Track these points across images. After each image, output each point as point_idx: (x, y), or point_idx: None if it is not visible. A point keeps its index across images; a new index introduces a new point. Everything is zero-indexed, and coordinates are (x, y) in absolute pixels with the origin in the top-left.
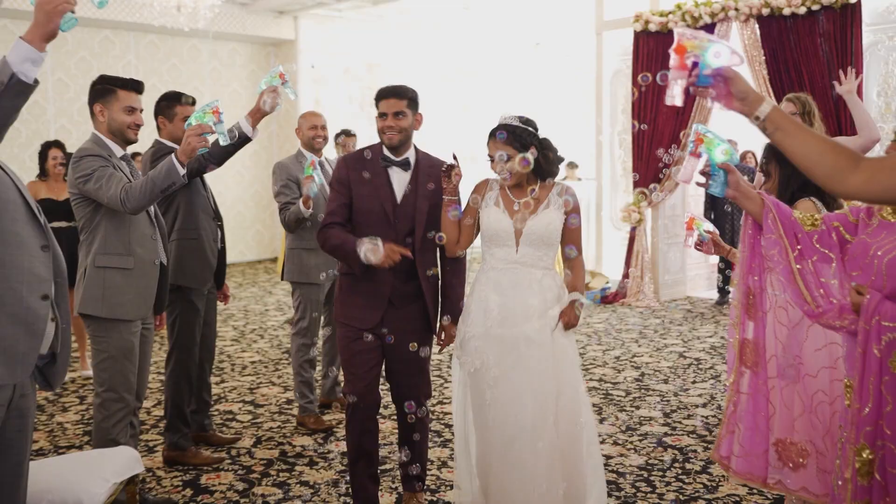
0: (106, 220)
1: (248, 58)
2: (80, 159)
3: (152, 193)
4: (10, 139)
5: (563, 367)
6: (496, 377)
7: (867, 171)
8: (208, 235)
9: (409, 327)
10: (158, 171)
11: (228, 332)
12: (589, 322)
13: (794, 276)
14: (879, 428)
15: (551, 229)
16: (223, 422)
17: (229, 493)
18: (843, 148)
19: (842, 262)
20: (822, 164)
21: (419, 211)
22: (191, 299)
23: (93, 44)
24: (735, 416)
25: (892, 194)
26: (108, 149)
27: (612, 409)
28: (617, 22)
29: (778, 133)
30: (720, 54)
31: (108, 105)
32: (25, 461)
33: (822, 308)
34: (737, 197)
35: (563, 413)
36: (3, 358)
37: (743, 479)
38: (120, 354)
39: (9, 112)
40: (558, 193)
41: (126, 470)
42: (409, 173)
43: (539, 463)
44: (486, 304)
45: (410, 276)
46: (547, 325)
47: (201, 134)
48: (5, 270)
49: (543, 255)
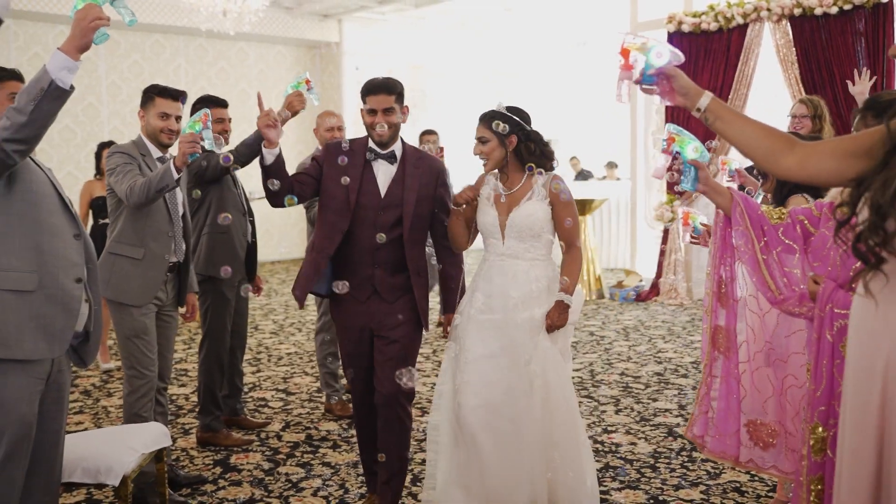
0: (127, 212)
1: (294, 60)
2: (111, 155)
3: (150, 192)
4: (66, 140)
5: (547, 366)
6: (473, 360)
7: (800, 154)
8: (237, 230)
9: (395, 322)
10: (156, 173)
11: (268, 325)
12: (619, 318)
13: (760, 265)
14: (832, 408)
15: (532, 220)
16: (256, 407)
17: (256, 471)
18: (778, 133)
19: (805, 253)
20: (758, 148)
21: (406, 202)
22: (221, 290)
23: (144, 47)
24: (708, 397)
25: (821, 177)
26: (145, 149)
27: (628, 401)
28: (651, 23)
29: (718, 122)
30: (662, 54)
31: (147, 110)
32: (62, 429)
33: (784, 295)
34: (707, 192)
35: (552, 407)
36: (42, 335)
37: (716, 457)
38: (132, 334)
39: (47, 114)
40: (543, 184)
41: (154, 443)
42: (395, 166)
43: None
44: (475, 293)
45: (399, 269)
46: (533, 325)
47: (191, 141)
48: (44, 256)
49: (530, 246)
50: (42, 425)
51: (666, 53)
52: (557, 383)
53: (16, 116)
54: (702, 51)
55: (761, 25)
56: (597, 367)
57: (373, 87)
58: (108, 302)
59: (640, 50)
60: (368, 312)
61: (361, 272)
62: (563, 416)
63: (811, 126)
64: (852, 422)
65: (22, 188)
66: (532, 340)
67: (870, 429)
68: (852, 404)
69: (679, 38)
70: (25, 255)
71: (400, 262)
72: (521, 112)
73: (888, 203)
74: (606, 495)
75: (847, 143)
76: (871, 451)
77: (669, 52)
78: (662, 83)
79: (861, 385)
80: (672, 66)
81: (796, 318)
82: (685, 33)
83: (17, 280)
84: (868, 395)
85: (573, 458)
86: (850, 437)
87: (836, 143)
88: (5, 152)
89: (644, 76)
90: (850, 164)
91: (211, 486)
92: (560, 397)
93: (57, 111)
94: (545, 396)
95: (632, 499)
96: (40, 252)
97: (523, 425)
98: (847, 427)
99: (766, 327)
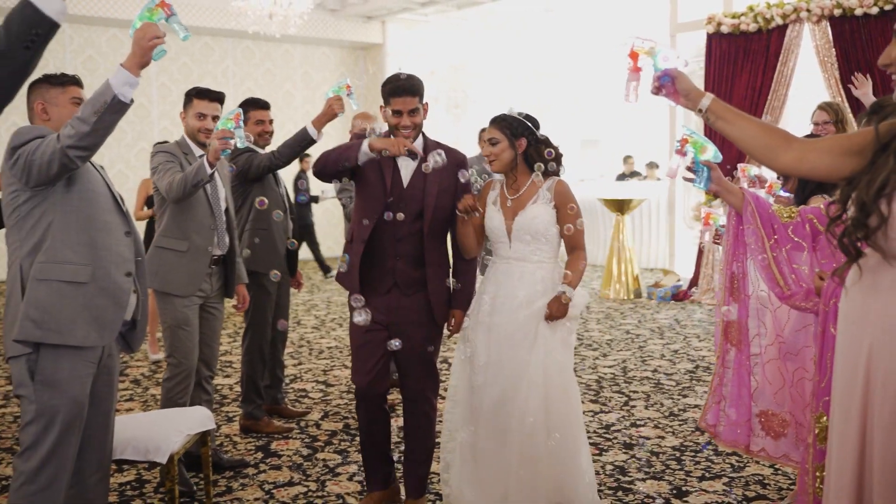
0: (171, 207)
1: (339, 61)
2: (154, 154)
3: (186, 187)
4: (118, 139)
5: (550, 360)
6: (484, 364)
7: (798, 150)
8: (278, 227)
9: (415, 319)
10: (191, 169)
11: (310, 320)
12: (655, 318)
13: (769, 262)
14: None
15: (537, 223)
16: (296, 398)
17: (295, 457)
18: (776, 130)
19: (813, 250)
20: (757, 145)
21: (428, 195)
22: (263, 284)
23: (194, 50)
24: (721, 388)
25: (818, 172)
26: (187, 148)
27: (659, 397)
28: (690, 24)
29: (719, 122)
30: (668, 58)
31: (187, 111)
32: (112, 411)
33: (792, 291)
34: (719, 191)
35: (553, 403)
36: (94, 324)
37: (728, 446)
38: (175, 324)
39: (109, 125)
40: (548, 188)
41: (198, 425)
42: (416, 161)
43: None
44: (482, 296)
45: (419, 263)
46: (533, 315)
47: (223, 138)
48: (97, 251)
49: (536, 249)
50: (94, 406)
51: (672, 57)
52: (556, 371)
53: (80, 126)
54: (741, 52)
55: (801, 26)
56: (630, 364)
57: (398, 90)
58: (154, 292)
59: (648, 54)
60: (387, 305)
61: (382, 264)
62: (560, 406)
63: (835, 132)
64: (839, 408)
65: (80, 188)
66: (532, 331)
67: (854, 415)
68: (839, 391)
69: (718, 39)
70: (81, 249)
71: (420, 256)
72: (530, 118)
73: (871, 201)
74: (630, 485)
75: (843, 141)
76: (854, 436)
77: (675, 56)
78: (667, 84)
79: (846, 373)
80: (675, 69)
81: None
82: (724, 34)
83: (73, 272)
84: (852, 382)
85: (569, 447)
86: (837, 423)
87: (832, 140)
88: (69, 157)
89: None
90: (845, 162)
91: (252, 469)
92: (558, 385)
93: (117, 122)
94: (544, 384)
95: (655, 489)
96: (94, 247)
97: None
98: (835, 414)
99: (777, 322)
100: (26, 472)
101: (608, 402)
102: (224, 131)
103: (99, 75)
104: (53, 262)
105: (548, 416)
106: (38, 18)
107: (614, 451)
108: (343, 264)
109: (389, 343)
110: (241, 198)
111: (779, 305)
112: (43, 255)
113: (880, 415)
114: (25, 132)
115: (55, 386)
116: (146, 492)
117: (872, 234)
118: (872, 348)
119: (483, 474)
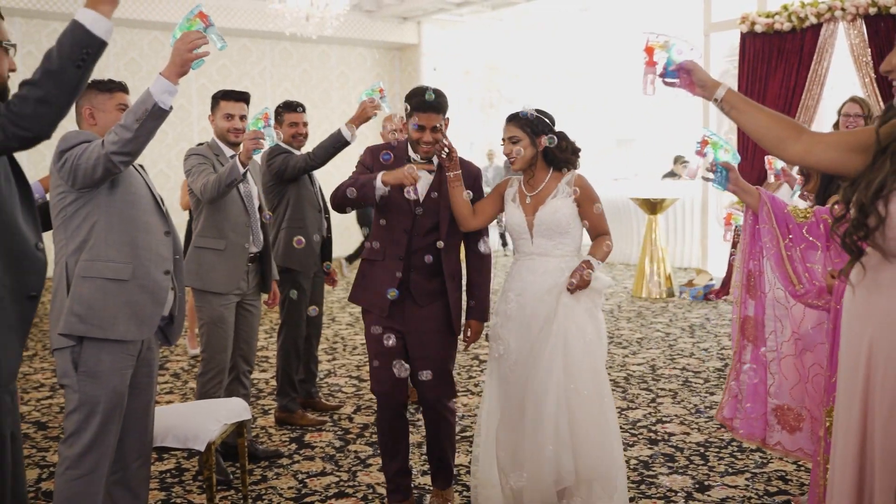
0: (206, 208)
1: (375, 62)
2: (186, 158)
3: (220, 187)
4: (159, 140)
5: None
6: (516, 360)
7: (806, 142)
8: (313, 226)
9: (432, 326)
10: (224, 169)
11: (345, 317)
12: (686, 316)
13: (783, 260)
14: None
15: (558, 217)
16: (330, 392)
17: (328, 448)
18: (788, 121)
19: (827, 250)
20: (768, 135)
21: (443, 208)
22: (298, 281)
23: (232, 52)
24: (737, 382)
25: (824, 164)
26: (218, 149)
27: (686, 394)
28: (724, 23)
29: (733, 111)
30: (682, 52)
31: (215, 114)
32: (152, 401)
33: (805, 289)
34: (736, 191)
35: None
36: (134, 319)
37: (744, 439)
38: (212, 322)
39: (150, 131)
40: (567, 182)
41: (235, 415)
42: (432, 174)
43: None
44: (507, 293)
45: (435, 273)
46: (558, 295)
47: (254, 138)
48: (138, 251)
49: (558, 243)
50: (134, 396)
51: (686, 51)
52: (580, 339)
53: (123, 132)
54: (775, 51)
55: (835, 25)
56: (659, 362)
57: (424, 105)
58: (193, 291)
59: (663, 48)
60: (402, 315)
61: (398, 276)
62: (585, 377)
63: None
64: (842, 401)
65: (123, 190)
66: (554, 304)
67: (855, 408)
68: (843, 385)
69: (752, 38)
70: (123, 248)
71: (435, 268)
72: (546, 114)
73: (869, 202)
74: (654, 479)
75: (849, 137)
76: (856, 428)
77: (689, 49)
78: (683, 76)
79: (849, 367)
80: (691, 61)
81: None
82: (758, 34)
83: (116, 270)
84: (854, 376)
85: (596, 420)
86: (841, 416)
87: (839, 136)
88: (112, 162)
89: (667, 71)
90: (850, 158)
91: (286, 459)
92: (581, 353)
93: (157, 128)
94: (565, 354)
95: (679, 483)
96: (135, 247)
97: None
98: (839, 407)
99: (793, 319)
100: (70, 457)
101: (635, 399)
102: (255, 132)
103: (141, 77)
104: (97, 261)
105: (567, 375)
106: (88, 39)
107: (639, 447)
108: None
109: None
110: (277, 198)
111: (794, 303)
112: (87, 253)
113: (880, 407)
114: (72, 137)
115: (97, 377)
116: (185, 479)
117: (871, 233)
118: (873, 342)
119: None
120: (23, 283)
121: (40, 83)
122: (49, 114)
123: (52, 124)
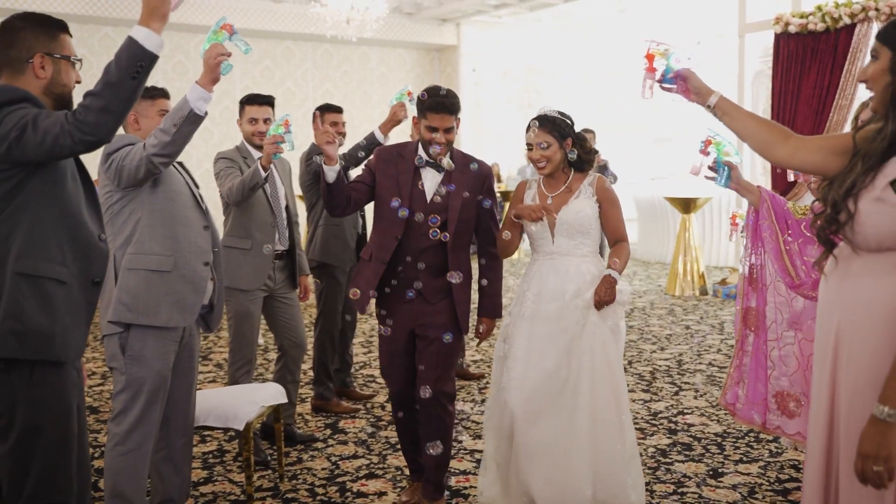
0: (233, 210)
1: (414, 63)
2: (216, 161)
3: (244, 190)
4: (205, 140)
5: (597, 343)
6: (523, 357)
7: (792, 146)
8: (349, 223)
9: (441, 321)
10: (247, 174)
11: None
12: (718, 314)
13: (782, 254)
14: None
15: (582, 217)
16: (364, 382)
17: (360, 434)
18: (776, 126)
19: None
20: (757, 139)
21: (451, 208)
22: (334, 275)
23: (275, 54)
24: (740, 369)
25: (809, 166)
26: (246, 152)
27: (709, 388)
28: (758, 24)
29: (725, 117)
30: (680, 60)
31: (241, 118)
32: (194, 384)
33: (801, 280)
34: (738, 189)
35: (599, 394)
36: (177, 308)
37: (745, 423)
38: (238, 316)
39: (187, 135)
40: (589, 183)
41: (272, 399)
42: (442, 173)
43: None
44: (525, 293)
45: (443, 272)
46: (585, 305)
47: (273, 143)
48: (180, 244)
49: (579, 243)
50: (178, 379)
51: (683, 59)
52: (604, 359)
53: (162, 136)
54: (808, 51)
55: (869, 25)
56: (686, 357)
57: (437, 106)
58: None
59: (663, 56)
60: (411, 312)
61: (406, 274)
62: (606, 396)
63: None
64: (815, 384)
65: (164, 188)
66: (581, 319)
67: (824, 390)
68: (816, 370)
69: (786, 39)
70: (165, 242)
71: (444, 266)
72: (567, 115)
73: (841, 199)
74: (670, 466)
75: (832, 141)
76: (824, 410)
77: (687, 57)
78: (680, 83)
79: (821, 350)
80: (687, 69)
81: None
82: (792, 34)
83: (159, 262)
84: (824, 360)
85: (613, 435)
86: (814, 398)
87: (823, 140)
88: (153, 164)
89: (665, 78)
90: (833, 160)
91: (321, 444)
92: (605, 373)
93: (193, 132)
94: (591, 373)
95: (693, 469)
96: (176, 240)
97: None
98: (813, 390)
99: (793, 310)
100: (119, 434)
101: (659, 391)
102: (275, 136)
103: (188, 79)
104: (141, 254)
105: (592, 400)
106: (141, 53)
107: (658, 436)
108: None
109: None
110: (316, 195)
111: (794, 295)
112: (132, 247)
113: (845, 387)
114: (117, 140)
115: (142, 361)
116: (226, 460)
117: (842, 228)
118: (841, 326)
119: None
120: (88, 270)
121: (101, 94)
122: (110, 121)
123: (112, 130)
